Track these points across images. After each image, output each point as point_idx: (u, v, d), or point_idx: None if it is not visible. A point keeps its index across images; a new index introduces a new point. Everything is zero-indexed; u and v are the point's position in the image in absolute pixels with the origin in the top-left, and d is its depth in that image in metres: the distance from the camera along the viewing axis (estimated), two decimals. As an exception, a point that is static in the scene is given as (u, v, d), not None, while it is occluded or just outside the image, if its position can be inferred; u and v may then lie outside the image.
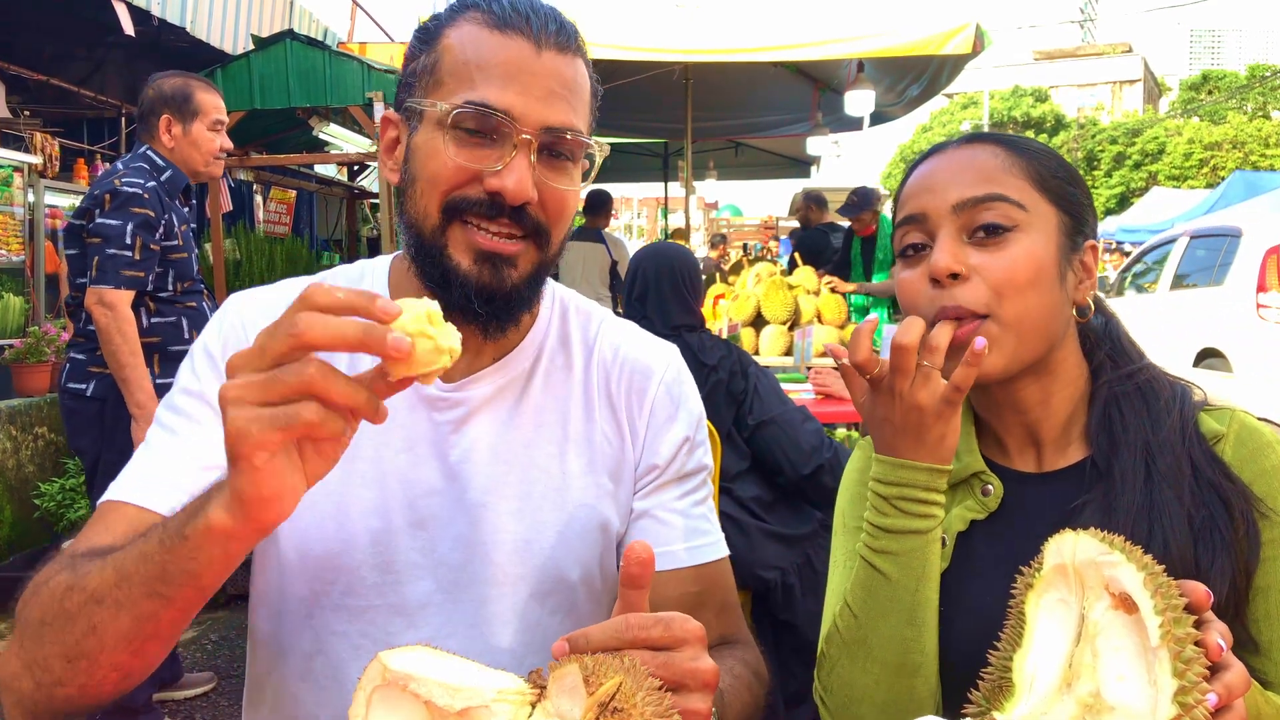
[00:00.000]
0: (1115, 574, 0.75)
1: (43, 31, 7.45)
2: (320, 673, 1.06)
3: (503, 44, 0.99)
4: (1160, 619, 0.71)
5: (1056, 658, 0.77)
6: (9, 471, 4.44)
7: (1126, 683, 0.72)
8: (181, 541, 0.76)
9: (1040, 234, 1.04)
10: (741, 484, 3.01)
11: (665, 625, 0.76)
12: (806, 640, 2.87)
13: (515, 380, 1.11)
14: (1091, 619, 0.76)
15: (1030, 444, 1.12)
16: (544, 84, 0.99)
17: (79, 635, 0.81)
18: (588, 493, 1.10)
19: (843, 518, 1.22)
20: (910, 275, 1.08)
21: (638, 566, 0.78)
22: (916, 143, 42.54)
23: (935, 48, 5.17)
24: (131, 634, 0.81)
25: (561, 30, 1.02)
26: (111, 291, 2.86)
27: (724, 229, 19.32)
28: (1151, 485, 1.00)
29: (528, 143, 0.98)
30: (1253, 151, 34.81)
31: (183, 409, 1.03)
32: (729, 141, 10.80)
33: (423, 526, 1.05)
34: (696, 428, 1.17)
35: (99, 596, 0.81)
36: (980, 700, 0.80)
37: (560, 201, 1.03)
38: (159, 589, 0.78)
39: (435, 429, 1.07)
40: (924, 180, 1.09)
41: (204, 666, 3.66)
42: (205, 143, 3.12)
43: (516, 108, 0.97)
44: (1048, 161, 1.08)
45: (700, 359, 2.99)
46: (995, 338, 1.02)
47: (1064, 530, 0.80)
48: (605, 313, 1.22)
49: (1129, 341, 1.13)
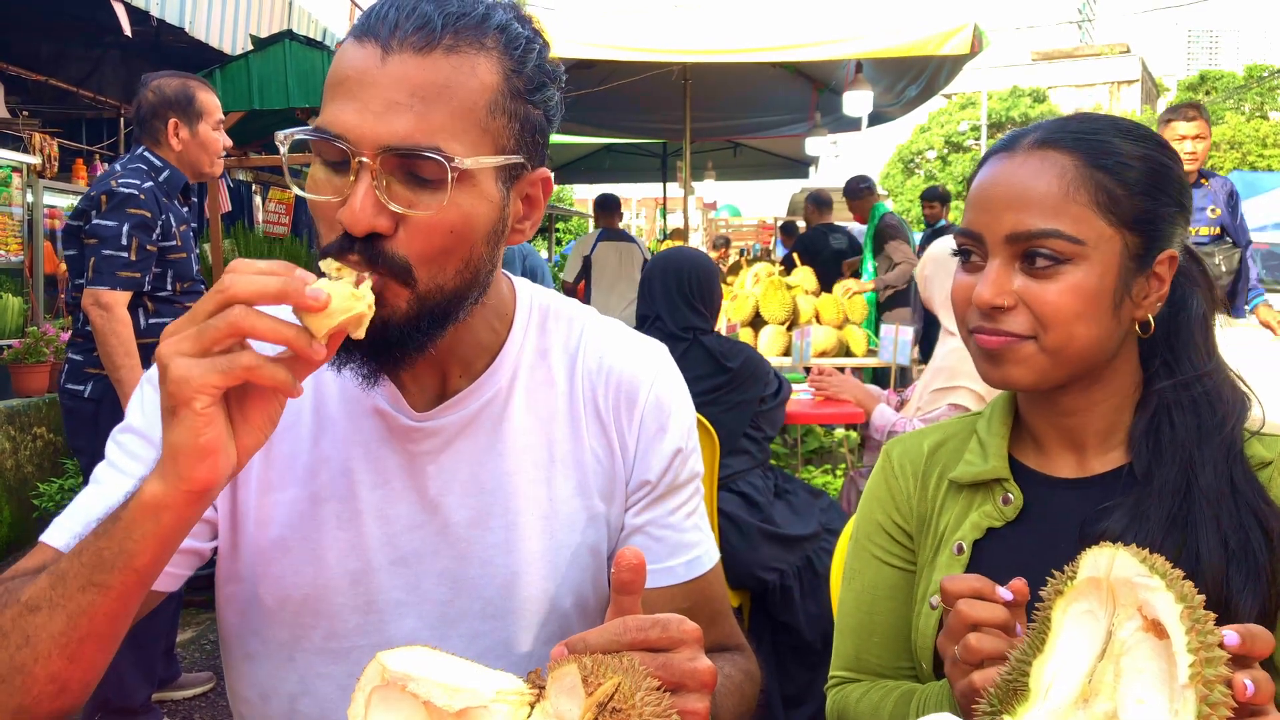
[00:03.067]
0: (1151, 599, 0.72)
1: (41, 31, 7.45)
2: (307, 713, 1.03)
3: (354, 55, 0.86)
4: (1193, 657, 0.68)
5: (1077, 670, 0.75)
6: (8, 472, 4.44)
7: (1146, 708, 0.70)
8: (114, 523, 0.78)
9: (1097, 264, 1.00)
10: (742, 483, 3.01)
11: (663, 627, 0.76)
12: (805, 641, 2.87)
13: (492, 402, 1.03)
14: (1119, 637, 0.74)
15: (1070, 448, 1.10)
16: (384, 95, 0.84)
17: (13, 650, 0.80)
18: (577, 517, 1.05)
19: (856, 536, 1.22)
20: (962, 282, 1.06)
21: (629, 573, 0.77)
22: (914, 143, 42.55)
23: (933, 48, 5.17)
24: (67, 633, 0.79)
25: (426, 27, 0.85)
26: (108, 293, 2.86)
27: (723, 229, 19.31)
28: (1190, 499, 0.98)
29: (367, 166, 0.83)
30: (1250, 152, 34.82)
31: (127, 446, 0.99)
32: (727, 142, 10.82)
33: (405, 564, 1.01)
34: (688, 436, 1.12)
35: (34, 604, 0.80)
36: (992, 699, 0.79)
37: (425, 230, 0.86)
38: (95, 577, 0.78)
39: (410, 461, 1.01)
40: (986, 192, 1.04)
41: (203, 666, 3.66)
42: (212, 143, 3.14)
43: (351, 126, 0.84)
44: (1128, 173, 1.01)
45: (724, 363, 3.01)
46: (1030, 357, 1.01)
47: (1104, 543, 0.77)
48: (587, 315, 1.13)
49: (1196, 345, 1.07)
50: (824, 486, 4.45)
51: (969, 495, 1.12)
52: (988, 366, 1.05)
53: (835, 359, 4.97)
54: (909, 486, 1.18)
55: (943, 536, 1.13)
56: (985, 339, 1.03)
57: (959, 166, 39.33)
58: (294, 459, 1.01)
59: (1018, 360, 1.02)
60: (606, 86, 6.65)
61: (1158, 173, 1.03)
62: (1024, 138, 1.05)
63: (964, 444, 1.16)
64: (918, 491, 1.17)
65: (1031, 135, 1.05)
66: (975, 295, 1.02)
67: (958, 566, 1.09)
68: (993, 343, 1.02)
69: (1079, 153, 1.01)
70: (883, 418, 3.00)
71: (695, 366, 2.99)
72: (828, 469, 5.02)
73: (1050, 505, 1.07)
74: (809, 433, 5.38)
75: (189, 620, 4.07)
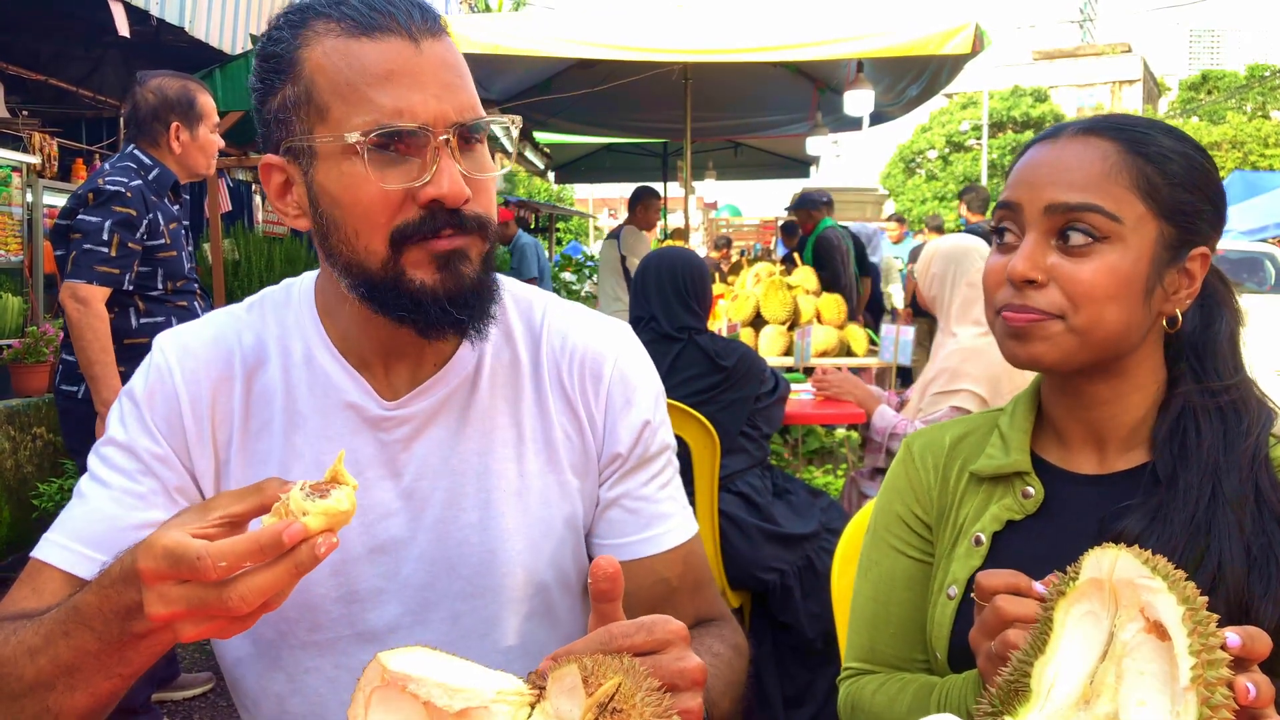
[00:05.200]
0: (1153, 600, 0.72)
1: (41, 31, 7.45)
2: (299, 710, 1.05)
3: (378, 50, 0.91)
4: (1195, 660, 0.68)
5: (1079, 671, 0.75)
6: (7, 472, 4.43)
7: (1147, 710, 0.70)
8: (136, 640, 0.79)
9: (1132, 248, 1.01)
10: (741, 483, 3.01)
11: (648, 630, 0.76)
12: (806, 641, 2.86)
13: (460, 386, 1.06)
14: (1121, 639, 0.74)
15: (1093, 444, 1.10)
16: (437, 78, 0.93)
17: (31, 713, 0.82)
18: (550, 492, 1.08)
19: (874, 526, 1.23)
20: (995, 264, 1.07)
21: (606, 582, 0.77)
22: (915, 143, 42.54)
23: (934, 48, 5.16)
24: (91, 707, 0.82)
25: (426, 14, 0.95)
26: (85, 287, 2.84)
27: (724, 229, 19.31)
28: (1215, 505, 0.98)
29: (446, 144, 0.92)
30: (1252, 151, 34.80)
31: (110, 459, 1.01)
32: (728, 141, 10.80)
33: (383, 551, 1.03)
34: (655, 408, 1.14)
35: (47, 684, 0.81)
36: (994, 699, 0.79)
37: (486, 188, 0.98)
38: (119, 670, 0.80)
39: (383, 450, 1.04)
40: (1028, 170, 1.06)
41: (203, 667, 3.66)
42: (210, 146, 3.15)
43: (423, 112, 0.91)
44: (1169, 165, 1.02)
45: (718, 361, 3.01)
46: (1057, 335, 1.02)
47: (1107, 544, 0.77)
48: (547, 297, 1.17)
49: (1225, 359, 1.08)
50: (824, 486, 4.45)
51: (989, 488, 1.13)
52: (1014, 345, 1.05)
53: (836, 359, 4.96)
54: (930, 478, 1.19)
55: (962, 528, 1.14)
56: (1013, 315, 1.04)
57: (960, 166, 39.33)
58: (269, 456, 1.03)
59: (1044, 337, 1.03)
60: (606, 86, 6.64)
61: (1197, 171, 1.04)
62: (1068, 127, 1.07)
63: (986, 437, 1.18)
64: (938, 484, 1.18)
65: (1075, 125, 1.07)
66: (1010, 268, 1.02)
67: (976, 558, 1.10)
68: (1020, 320, 1.03)
69: (1122, 140, 1.03)
70: (883, 419, 3.00)
71: (691, 366, 2.99)
72: (828, 469, 5.02)
73: (1070, 500, 1.08)
74: (809, 433, 5.38)
75: (189, 620, 4.06)
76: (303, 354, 1.05)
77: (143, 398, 1.03)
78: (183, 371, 1.04)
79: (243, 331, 1.07)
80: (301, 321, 1.07)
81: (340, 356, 1.05)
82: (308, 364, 1.05)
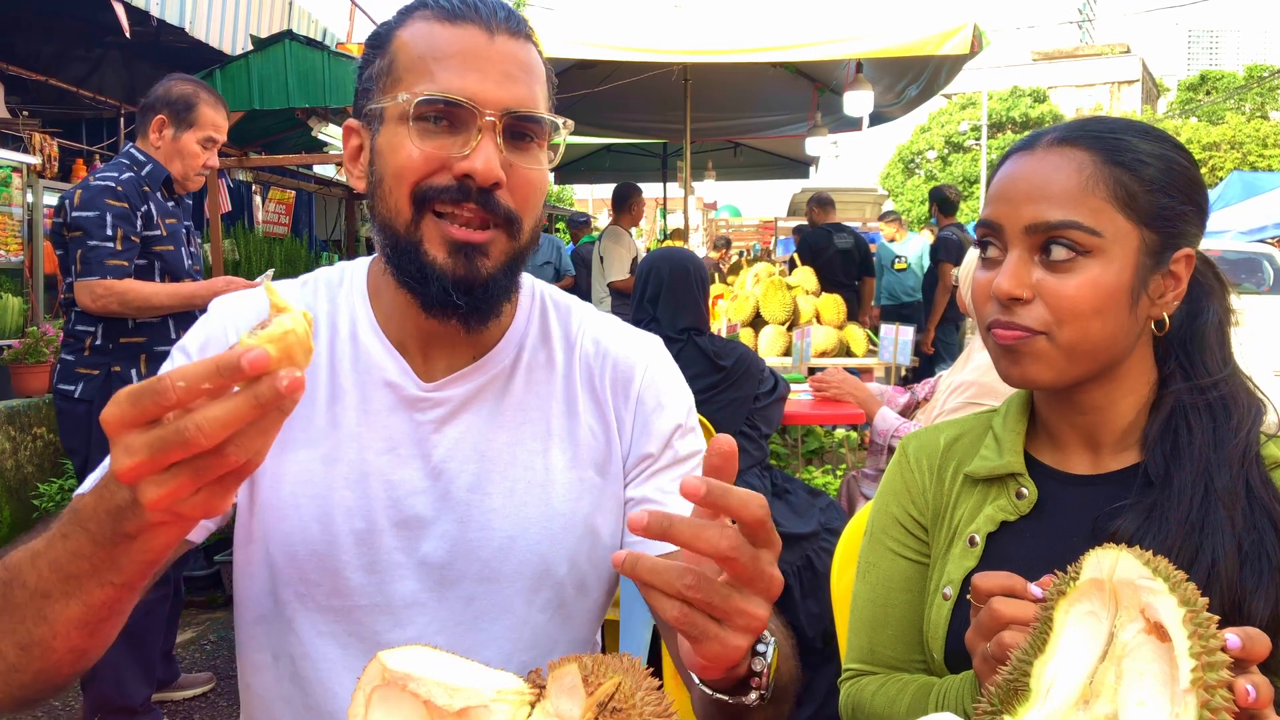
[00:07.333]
0: (1154, 602, 0.72)
1: (41, 31, 7.45)
2: (310, 674, 1.07)
3: (455, 34, 1.00)
4: (1195, 661, 0.68)
5: (1078, 671, 0.75)
6: (8, 472, 4.43)
7: (1146, 710, 0.70)
8: (127, 542, 0.75)
9: (1115, 259, 1.01)
10: (741, 482, 3.01)
11: (769, 529, 0.70)
12: (806, 641, 2.86)
13: (497, 378, 1.11)
14: (1121, 639, 0.74)
15: (1086, 445, 1.11)
16: (500, 67, 1.00)
17: (30, 625, 0.81)
18: (571, 488, 1.10)
19: (872, 529, 1.24)
20: (981, 279, 1.07)
21: (719, 458, 0.71)
22: (915, 143, 42.56)
23: (933, 48, 5.17)
24: (85, 619, 0.81)
25: (511, 16, 1.03)
26: (100, 283, 2.85)
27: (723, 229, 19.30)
28: (1208, 503, 0.99)
29: (491, 124, 0.98)
30: (1250, 152, 34.82)
31: None
32: (728, 142, 10.81)
33: (406, 526, 1.06)
34: (687, 415, 1.17)
35: (44, 591, 0.80)
36: (993, 699, 0.78)
37: (529, 184, 1.03)
38: (111, 578, 0.78)
39: (417, 429, 1.07)
40: (1007, 184, 1.06)
41: (203, 667, 3.66)
42: (190, 155, 3.07)
43: (476, 92, 0.98)
44: (1145, 170, 1.02)
45: (717, 361, 3.01)
46: (1044, 352, 1.02)
47: (1108, 544, 0.76)
48: (585, 307, 1.22)
49: (1212, 351, 1.08)
50: (824, 486, 4.45)
51: (984, 489, 1.14)
52: (1007, 364, 1.06)
53: (835, 359, 4.97)
54: (925, 480, 1.20)
55: (957, 529, 1.15)
56: (1001, 333, 1.04)
57: (959, 166, 39.34)
58: (309, 421, 1.07)
59: (1034, 356, 1.03)
60: (606, 86, 6.64)
61: (1174, 172, 1.04)
62: (1043, 136, 1.07)
63: (980, 439, 1.18)
64: (933, 485, 1.19)
65: (1051, 134, 1.07)
66: (995, 286, 1.03)
67: (971, 559, 1.10)
68: (1007, 337, 1.04)
69: (1097, 150, 1.03)
70: (885, 422, 2.99)
71: (690, 366, 2.99)
72: (828, 469, 5.01)
73: (1064, 501, 1.09)
74: (809, 433, 5.38)
75: (189, 620, 4.07)
76: (349, 331, 1.10)
77: (195, 351, 1.08)
78: (236, 332, 1.08)
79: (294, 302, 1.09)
80: (352, 300, 1.12)
81: (384, 336, 1.10)
82: (352, 340, 1.10)
